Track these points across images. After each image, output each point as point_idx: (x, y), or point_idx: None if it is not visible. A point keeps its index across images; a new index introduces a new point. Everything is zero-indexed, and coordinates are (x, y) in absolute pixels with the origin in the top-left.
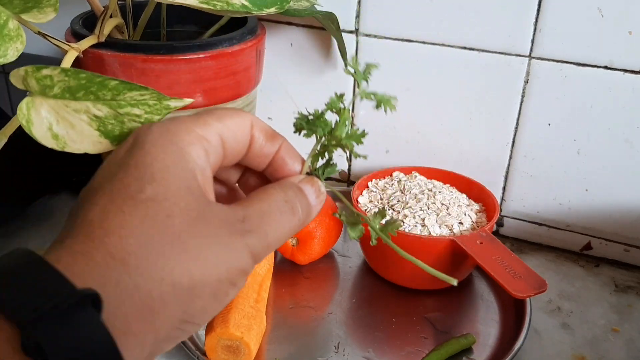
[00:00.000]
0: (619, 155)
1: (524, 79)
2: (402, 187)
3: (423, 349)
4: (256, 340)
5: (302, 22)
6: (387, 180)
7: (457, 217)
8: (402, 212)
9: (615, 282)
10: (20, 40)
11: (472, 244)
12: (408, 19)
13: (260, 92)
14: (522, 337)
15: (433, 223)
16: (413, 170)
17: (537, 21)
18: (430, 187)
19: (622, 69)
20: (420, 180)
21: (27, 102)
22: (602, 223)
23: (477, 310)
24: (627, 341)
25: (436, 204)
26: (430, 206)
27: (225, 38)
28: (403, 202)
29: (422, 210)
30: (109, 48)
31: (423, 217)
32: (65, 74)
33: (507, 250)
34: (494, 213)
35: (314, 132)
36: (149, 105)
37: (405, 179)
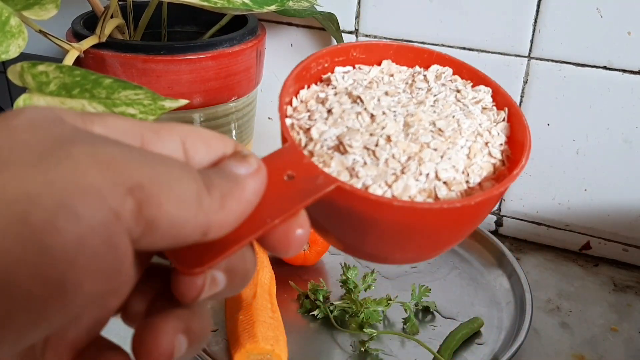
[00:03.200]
0: (618, 155)
1: (523, 79)
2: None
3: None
4: (285, 351)
5: (302, 22)
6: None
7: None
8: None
9: (614, 282)
10: (22, 37)
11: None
12: (407, 19)
13: (261, 93)
14: (522, 337)
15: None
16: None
17: (536, 22)
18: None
19: (621, 69)
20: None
21: (24, 99)
22: (601, 223)
23: (475, 293)
24: (626, 340)
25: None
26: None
27: (225, 38)
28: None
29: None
30: (110, 48)
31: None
32: (60, 70)
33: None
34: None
35: None
36: (143, 105)
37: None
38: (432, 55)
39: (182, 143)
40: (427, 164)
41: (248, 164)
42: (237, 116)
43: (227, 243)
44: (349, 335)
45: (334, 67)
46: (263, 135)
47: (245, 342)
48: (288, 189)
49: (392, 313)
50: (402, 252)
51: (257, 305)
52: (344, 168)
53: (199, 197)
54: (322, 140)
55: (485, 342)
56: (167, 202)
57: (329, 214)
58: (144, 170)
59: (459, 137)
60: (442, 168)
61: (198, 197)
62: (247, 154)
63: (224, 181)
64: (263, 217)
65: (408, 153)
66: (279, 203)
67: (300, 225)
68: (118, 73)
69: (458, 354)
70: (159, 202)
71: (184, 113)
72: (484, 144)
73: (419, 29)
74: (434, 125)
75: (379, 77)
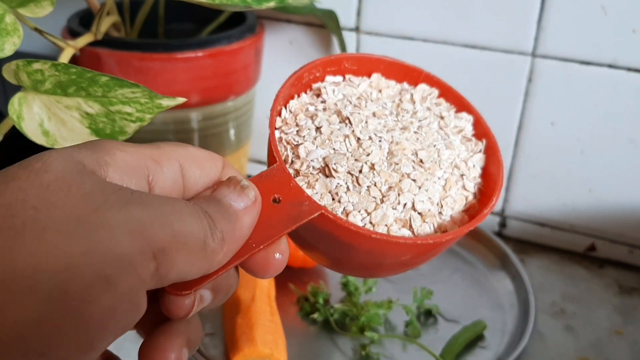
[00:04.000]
0: (623, 154)
1: (527, 78)
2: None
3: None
4: (285, 355)
5: (301, 19)
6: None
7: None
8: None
9: (619, 284)
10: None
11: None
12: (409, 16)
13: (259, 91)
14: (526, 340)
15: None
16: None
17: (540, 19)
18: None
19: (626, 67)
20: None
21: (19, 98)
22: (606, 224)
23: (478, 295)
24: (631, 343)
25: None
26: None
27: (223, 36)
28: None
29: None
30: (106, 46)
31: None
32: (56, 68)
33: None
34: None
35: None
36: (140, 103)
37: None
38: (420, 75)
39: (181, 168)
40: (405, 194)
41: (247, 197)
42: (235, 115)
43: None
44: (349, 339)
45: (325, 75)
46: (262, 133)
47: (244, 345)
48: (274, 213)
49: (393, 316)
50: (376, 270)
51: (255, 308)
52: (327, 191)
53: (205, 246)
54: (309, 160)
55: (488, 345)
56: (181, 263)
57: (312, 233)
58: (166, 232)
59: (438, 168)
60: (419, 200)
61: (204, 247)
62: (245, 186)
63: (225, 221)
64: (249, 243)
65: (389, 183)
66: (264, 228)
67: (280, 250)
68: (114, 71)
69: (461, 358)
70: (174, 263)
71: (182, 112)
72: (460, 176)
73: (421, 26)
74: (416, 155)
75: (367, 92)
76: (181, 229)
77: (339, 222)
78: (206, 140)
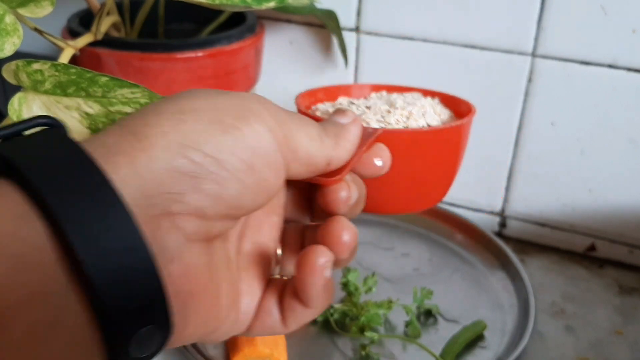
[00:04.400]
0: (623, 154)
1: (527, 78)
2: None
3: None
4: (285, 355)
5: (301, 19)
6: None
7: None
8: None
9: (619, 284)
10: (17, 35)
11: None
12: (409, 16)
13: (259, 91)
14: (526, 340)
15: (397, 119)
16: (382, 89)
17: (540, 19)
18: (403, 99)
19: (626, 67)
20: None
21: (19, 98)
22: (606, 224)
23: (478, 295)
24: (631, 344)
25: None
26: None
27: (223, 36)
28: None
29: (388, 110)
30: (106, 46)
31: (384, 116)
32: (56, 68)
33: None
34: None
35: None
36: (140, 103)
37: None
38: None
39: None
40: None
41: (348, 116)
42: None
43: (345, 164)
44: (349, 339)
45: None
46: None
47: (244, 345)
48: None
49: (393, 316)
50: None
51: None
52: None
53: (321, 137)
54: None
55: (488, 345)
56: (302, 138)
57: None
58: (286, 114)
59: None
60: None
61: (320, 137)
62: (346, 110)
63: (335, 127)
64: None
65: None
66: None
67: (381, 157)
68: (114, 71)
69: (461, 358)
70: (298, 137)
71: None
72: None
73: (421, 27)
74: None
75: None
76: (298, 119)
77: (390, 131)
78: None
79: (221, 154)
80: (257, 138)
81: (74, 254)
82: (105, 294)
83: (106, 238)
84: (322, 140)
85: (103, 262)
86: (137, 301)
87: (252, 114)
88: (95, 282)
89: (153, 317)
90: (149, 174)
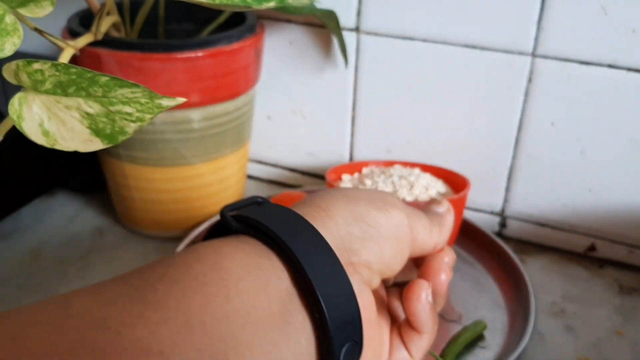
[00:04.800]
0: (624, 155)
1: (527, 78)
2: (380, 171)
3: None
4: None
5: (301, 20)
6: (368, 170)
7: (426, 192)
8: (372, 186)
9: (619, 284)
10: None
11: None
12: (409, 16)
13: (259, 91)
14: (526, 340)
15: (401, 192)
16: (395, 164)
17: (540, 19)
18: (407, 174)
19: (626, 67)
20: (400, 169)
21: (19, 98)
22: (606, 224)
23: (478, 295)
24: (631, 344)
25: (408, 180)
26: (401, 183)
27: (223, 36)
28: (375, 181)
29: (392, 183)
30: (106, 46)
31: (391, 189)
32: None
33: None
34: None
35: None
36: (140, 103)
37: (385, 168)
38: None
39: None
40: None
41: (444, 206)
42: (235, 115)
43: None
44: None
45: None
46: (261, 133)
47: None
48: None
49: None
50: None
51: None
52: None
53: (431, 228)
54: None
55: (488, 345)
56: (419, 228)
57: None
58: (409, 208)
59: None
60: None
61: (430, 228)
62: (440, 200)
63: (436, 217)
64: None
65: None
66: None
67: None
68: (114, 71)
69: (461, 358)
70: (417, 226)
71: (182, 112)
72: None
73: (421, 27)
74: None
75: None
76: (417, 214)
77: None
78: (206, 140)
79: (379, 226)
80: (399, 219)
81: (306, 281)
82: (327, 310)
83: (325, 271)
84: (432, 230)
85: (324, 288)
86: (345, 317)
87: (392, 203)
88: (321, 301)
89: (353, 334)
90: (336, 234)
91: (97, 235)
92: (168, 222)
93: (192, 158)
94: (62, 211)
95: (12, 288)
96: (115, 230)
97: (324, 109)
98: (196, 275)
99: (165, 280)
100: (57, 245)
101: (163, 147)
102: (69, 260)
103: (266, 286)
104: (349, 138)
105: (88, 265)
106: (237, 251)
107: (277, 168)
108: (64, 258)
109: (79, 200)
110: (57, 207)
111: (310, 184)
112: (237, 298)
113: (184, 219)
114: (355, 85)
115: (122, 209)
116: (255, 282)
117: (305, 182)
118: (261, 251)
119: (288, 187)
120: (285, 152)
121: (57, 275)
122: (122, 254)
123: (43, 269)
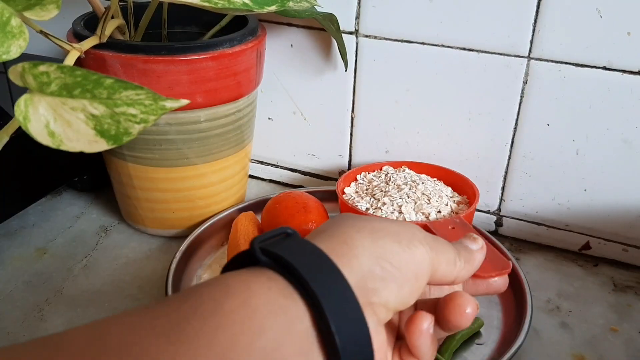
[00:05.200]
0: (618, 155)
1: (523, 80)
2: (388, 179)
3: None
4: None
5: (302, 23)
6: (376, 173)
7: (436, 207)
8: (382, 200)
9: (614, 282)
10: (23, 38)
11: (443, 228)
12: (407, 20)
13: (261, 93)
14: (522, 337)
15: (409, 210)
16: (403, 165)
17: (536, 22)
18: (416, 180)
19: (621, 69)
20: (407, 174)
21: (25, 99)
22: (600, 223)
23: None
24: (626, 341)
25: (417, 193)
26: (410, 195)
27: (226, 39)
28: (385, 191)
29: (401, 198)
30: (111, 49)
31: (400, 205)
32: (61, 70)
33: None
34: (473, 203)
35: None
36: (144, 105)
37: (393, 172)
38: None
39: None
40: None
41: (478, 244)
42: (237, 116)
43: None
44: None
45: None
46: (262, 134)
47: None
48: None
49: None
50: None
51: None
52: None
53: (455, 261)
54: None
55: (485, 342)
56: (442, 261)
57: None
58: (433, 240)
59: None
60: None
61: (455, 262)
62: (476, 237)
63: (466, 252)
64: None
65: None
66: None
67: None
68: (119, 73)
69: (458, 355)
70: (440, 260)
71: (185, 113)
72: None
73: (418, 30)
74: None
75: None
76: (442, 245)
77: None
78: (209, 141)
79: (401, 265)
80: (422, 257)
81: (327, 325)
82: (343, 356)
83: (344, 314)
84: (456, 264)
85: (343, 334)
86: (359, 358)
87: (417, 238)
88: (338, 347)
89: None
90: (359, 272)
91: (102, 234)
92: (171, 221)
93: (195, 158)
94: (68, 210)
95: (18, 285)
96: (120, 228)
97: (324, 110)
98: (226, 312)
99: (197, 316)
100: (63, 244)
101: (166, 147)
102: (75, 258)
103: (290, 328)
104: (349, 139)
105: (93, 263)
106: (264, 290)
107: (278, 168)
108: (70, 256)
109: (84, 199)
110: (63, 206)
111: (311, 184)
112: (263, 338)
113: (187, 218)
114: (355, 87)
115: (127, 208)
116: (280, 324)
117: (305, 182)
118: (286, 290)
119: (289, 187)
120: (286, 153)
121: (62, 272)
122: (127, 252)
123: (49, 267)
